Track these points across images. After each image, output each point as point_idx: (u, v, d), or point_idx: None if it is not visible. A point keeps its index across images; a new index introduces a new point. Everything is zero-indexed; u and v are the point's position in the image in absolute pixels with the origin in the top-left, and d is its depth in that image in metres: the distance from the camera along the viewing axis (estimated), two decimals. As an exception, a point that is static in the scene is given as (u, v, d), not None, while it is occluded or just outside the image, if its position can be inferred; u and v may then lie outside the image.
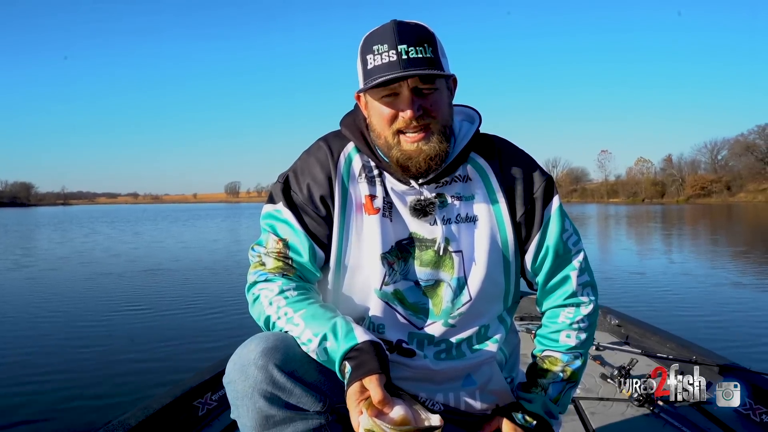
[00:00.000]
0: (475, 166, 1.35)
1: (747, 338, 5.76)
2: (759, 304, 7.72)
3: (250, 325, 1.26)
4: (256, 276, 1.30)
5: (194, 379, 2.38)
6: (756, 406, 2.27)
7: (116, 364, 5.09)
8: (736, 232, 24.31)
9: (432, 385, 1.34)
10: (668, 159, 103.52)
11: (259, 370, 1.11)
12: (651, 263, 12.94)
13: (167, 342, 5.87)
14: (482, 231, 1.32)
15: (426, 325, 1.32)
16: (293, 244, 1.29)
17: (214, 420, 2.33)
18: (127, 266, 12.66)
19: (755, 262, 13.02)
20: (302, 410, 1.14)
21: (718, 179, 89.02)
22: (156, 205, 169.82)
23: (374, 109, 1.26)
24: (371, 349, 1.10)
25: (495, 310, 1.38)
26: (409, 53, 1.17)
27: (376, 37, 1.21)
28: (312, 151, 1.37)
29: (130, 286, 9.82)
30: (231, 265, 12.68)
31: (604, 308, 3.77)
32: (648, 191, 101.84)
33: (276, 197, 1.33)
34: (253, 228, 28.90)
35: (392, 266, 1.29)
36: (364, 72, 1.23)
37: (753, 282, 9.88)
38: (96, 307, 7.89)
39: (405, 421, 1.02)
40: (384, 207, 1.31)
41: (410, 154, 1.23)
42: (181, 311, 7.53)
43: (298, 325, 1.18)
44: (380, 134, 1.26)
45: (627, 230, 25.99)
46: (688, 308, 7.42)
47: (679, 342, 2.97)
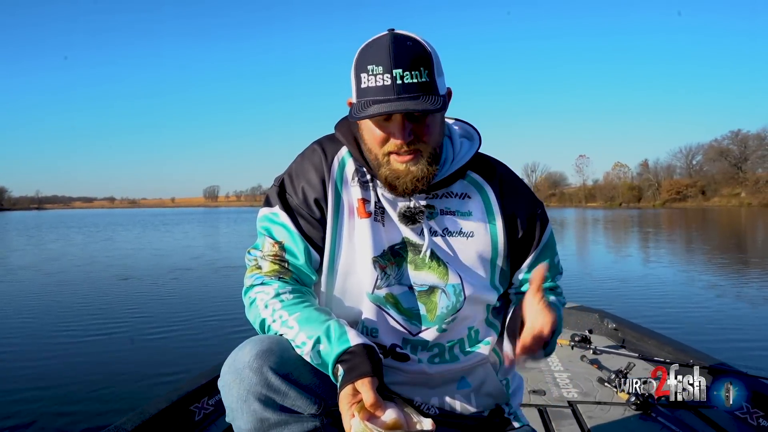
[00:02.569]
0: (474, 185, 1.38)
1: (743, 342, 5.77)
2: (754, 309, 7.76)
3: (247, 329, 1.27)
4: (252, 279, 1.30)
5: (190, 383, 2.38)
6: (753, 410, 2.28)
7: (111, 370, 5.06)
8: (719, 236, 24.29)
9: (427, 389, 1.35)
10: (645, 164, 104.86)
11: (253, 373, 1.11)
12: (635, 267, 12.96)
13: (162, 347, 5.86)
14: (477, 246, 1.35)
15: (420, 331, 1.33)
16: (289, 247, 1.30)
17: (211, 425, 2.34)
18: (120, 271, 12.55)
19: (738, 265, 13.12)
20: (297, 413, 1.14)
21: (693, 184, 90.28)
22: (133, 210, 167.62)
23: (366, 128, 1.27)
24: (364, 352, 1.11)
25: (483, 315, 1.40)
26: (404, 78, 1.15)
27: (371, 55, 1.19)
28: (306, 155, 1.37)
29: (127, 292, 9.80)
30: (224, 269, 12.62)
31: (600, 312, 3.79)
32: (625, 195, 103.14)
33: (272, 200, 1.34)
34: (234, 233, 28.78)
35: (384, 270, 1.30)
36: (357, 90, 1.22)
37: (744, 286, 9.93)
38: (92, 312, 7.87)
39: (397, 424, 1.02)
40: (376, 211, 1.32)
41: (398, 173, 1.24)
42: (175, 318, 7.49)
43: (293, 328, 1.18)
44: (371, 150, 1.27)
45: (612, 234, 25.90)
46: (683, 312, 7.42)
47: (676, 346, 2.98)
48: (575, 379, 2.89)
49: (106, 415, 3.80)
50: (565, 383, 2.84)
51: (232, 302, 8.07)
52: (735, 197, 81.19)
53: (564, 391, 2.73)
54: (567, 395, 2.68)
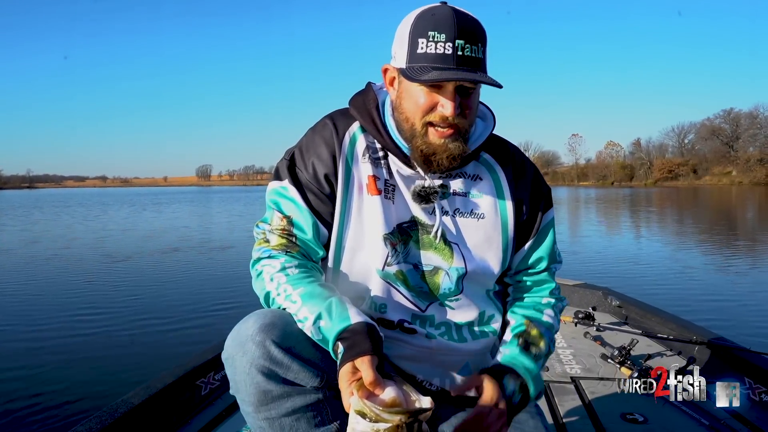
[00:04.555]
0: (487, 167, 1.37)
1: (746, 320, 5.83)
2: (756, 286, 7.87)
3: (253, 304, 1.26)
4: (260, 252, 1.30)
5: (196, 358, 2.41)
6: (756, 386, 2.31)
7: (117, 345, 5.13)
8: (716, 215, 24.46)
9: (430, 366, 1.35)
10: (637, 143, 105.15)
11: (256, 345, 1.11)
12: (636, 245, 13.11)
13: (169, 322, 5.91)
14: (487, 228, 1.34)
15: (427, 307, 1.33)
16: (297, 221, 1.29)
17: (217, 399, 2.36)
18: (134, 248, 12.54)
19: (736, 243, 13.28)
20: (300, 386, 1.15)
21: (684, 162, 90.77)
22: (125, 189, 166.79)
23: (409, 94, 1.23)
24: (364, 330, 1.10)
25: (486, 299, 1.40)
26: (465, 50, 1.14)
27: (433, 21, 1.17)
28: (318, 129, 1.35)
29: (136, 269, 9.84)
30: (224, 248, 12.63)
31: (604, 289, 3.80)
32: (617, 174, 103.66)
33: (282, 174, 1.33)
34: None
35: (395, 247, 1.29)
36: (411, 54, 1.19)
37: (745, 262, 10.07)
38: (92, 290, 7.91)
39: (395, 402, 1.01)
40: (386, 188, 1.30)
41: (435, 148, 1.22)
42: (182, 292, 7.57)
43: (296, 303, 1.18)
44: (409, 118, 1.24)
45: (611, 213, 26.06)
46: (683, 290, 7.49)
47: (679, 323, 2.99)
48: (578, 356, 2.90)
49: (113, 390, 3.82)
50: (569, 359, 2.85)
51: (236, 279, 8.12)
52: (726, 176, 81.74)
53: (567, 367, 2.74)
54: (570, 371, 2.69)
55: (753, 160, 77.21)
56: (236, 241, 14.08)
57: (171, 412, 2.15)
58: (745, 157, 79.31)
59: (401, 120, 1.26)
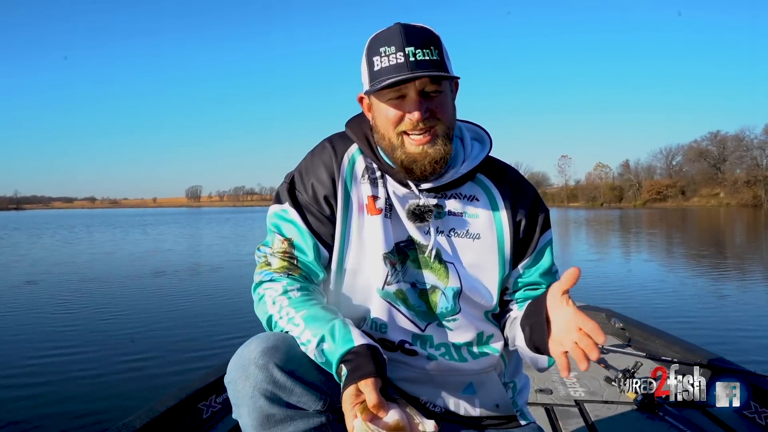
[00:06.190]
0: (483, 188, 1.38)
1: (749, 340, 5.85)
2: (760, 309, 7.88)
3: (255, 327, 1.25)
4: (261, 276, 1.31)
5: (199, 381, 2.40)
6: (762, 410, 2.28)
7: (120, 368, 5.07)
8: (709, 236, 24.81)
9: (432, 388, 1.35)
10: (626, 164, 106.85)
11: (259, 369, 1.10)
12: (637, 267, 13.18)
13: (172, 345, 5.86)
14: (482, 248, 1.34)
15: (426, 327, 1.33)
16: (298, 244, 1.31)
17: (219, 422, 2.34)
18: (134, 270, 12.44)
19: (733, 264, 13.38)
20: (303, 409, 1.14)
21: (673, 184, 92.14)
22: (114, 210, 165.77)
23: (379, 111, 1.27)
24: (368, 352, 1.10)
25: (485, 320, 1.39)
26: (416, 55, 1.18)
27: (383, 39, 1.22)
28: (317, 152, 1.38)
29: (137, 292, 9.76)
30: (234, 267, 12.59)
31: (607, 311, 3.79)
32: (606, 195, 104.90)
33: (282, 197, 1.35)
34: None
35: (394, 266, 1.30)
36: (371, 74, 1.23)
37: (746, 286, 10.10)
38: (104, 308, 7.94)
39: (399, 425, 1.02)
40: (386, 208, 1.32)
41: (415, 156, 1.24)
42: (183, 315, 7.52)
43: (299, 326, 1.18)
44: (384, 135, 1.27)
45: (605, 235, 26.29)
46: (688, 311, 7.51)
47: (683, 345, 2.97)
48: (582, 378, 2.87)
49: (116, 414, 3.78)
50: (572, 382, 2.82)
51: (239, 301, 8.08)
52: (714, 197, 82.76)
53: (571, 390, 2.71)
54: (574, 394, 2.66)
55: (740, 182, 78.41)
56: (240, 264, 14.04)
57: (173, 436, 2.11)
58: (732, 179, 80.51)
59: (379, 139, 1.29)
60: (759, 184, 75.30)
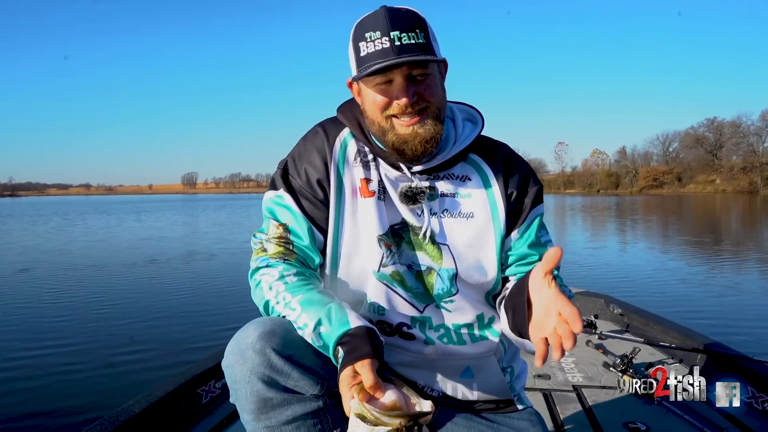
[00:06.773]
0: (476, 168, 1.37)
1: (748, 328, 5.86)
2: (757, 295, 7.94)
3: (253, 313, 1.26)
4: (258, 262, 1.31)
5: (197, 367, 2.40)
6: (758, 395, 2.30)
7: (118, 354, 5.10)
8: (709, 223, 24.92)
9: (429, 372, 1.36)
10: (622, 151, 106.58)
11: (256, 353, 1.11)
12: (626, 251, 13.31)
13: (169, 333, 5.89)
14: (477, 227, 1.33)
15: (425, 308, 1.33)
16: (293, 228, 1.31)
17: (218, 407, 2.36)
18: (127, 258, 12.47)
19: (715, 249, 13.44)
20: (300, 394, 1.15)
21: (669, 171, 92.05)
22: (109, 197, 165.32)
23: (368, 97, 1.27)
24: (364, 334, 1.11)
25: (484, 301, 1.39)
26: (401, 39, 1.18)
27: (368, 24, 1.21)
28: (309, 137, 1.39)
29: (132, 280, 9.78)
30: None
31: (606, 297, 3.80)
32: (603, 182, 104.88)
33: (277, 183, 1.35)
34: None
35: (390, 248, 1.30)
36: (357, 59, 1.23)
37: (744, 272, 10.17)
38: (98, 297, 7.94)
39: (396, 406, 1.02)
40: (379, 190, 1.32)
41: (405, 137, 1.24)
42: (180, 303, 7.53)
43: (295, 310, 1.18)
44: (374, 120, 1.27)
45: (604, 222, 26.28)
46: (684, 298, 7.55)
47: (681, 331, 2.98)
48: (580, 364, 2.88)
49: (114, 399, 3.77)
50: (570, 368, 2.83)
51: (236, 288, 8.10)
52: (710, 184, 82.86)
53: (569, 376, 2.72)
54: (572, 379, 2.67)
55: (736, 169, 78.41)
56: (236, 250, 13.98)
57: (172, 421, 2.13)
58: (729, 166, 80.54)
59: (369, 123, 1.29)
60: (755, 170, 75.23)
